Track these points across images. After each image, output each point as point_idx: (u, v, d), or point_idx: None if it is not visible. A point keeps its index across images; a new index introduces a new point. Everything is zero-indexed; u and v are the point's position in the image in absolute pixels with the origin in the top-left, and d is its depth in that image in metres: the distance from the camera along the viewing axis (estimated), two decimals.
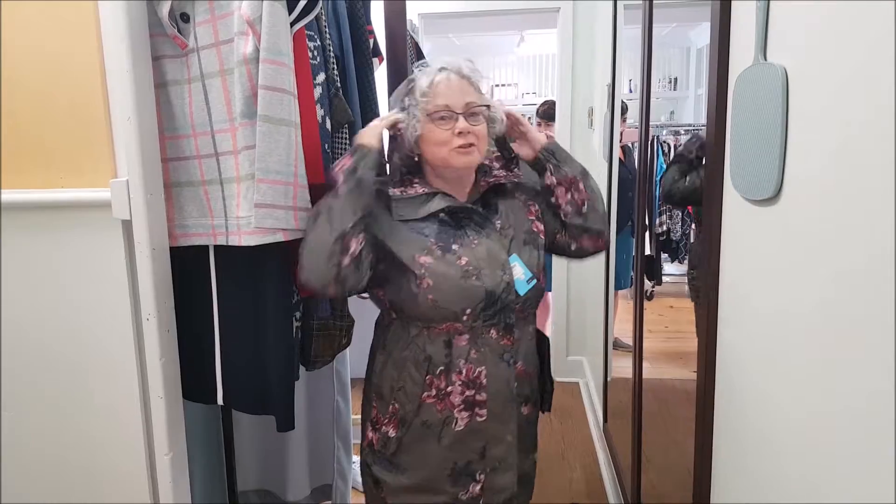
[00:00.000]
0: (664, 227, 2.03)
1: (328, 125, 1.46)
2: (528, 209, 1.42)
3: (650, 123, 1.97)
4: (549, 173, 1.37)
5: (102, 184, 1.35)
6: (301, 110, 1.32)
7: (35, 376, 1.45)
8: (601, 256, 2.92)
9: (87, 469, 1.48)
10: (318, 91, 1.39)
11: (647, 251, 2.09)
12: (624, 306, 2.69)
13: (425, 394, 1.29)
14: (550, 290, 3.83)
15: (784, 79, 0.85)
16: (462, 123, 1.25)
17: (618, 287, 2.79)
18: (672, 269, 2.06)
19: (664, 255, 2.06)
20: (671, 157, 2.05)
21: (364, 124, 1.61)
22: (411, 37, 2.20)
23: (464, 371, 1.28)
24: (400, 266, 1.27)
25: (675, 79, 3.41)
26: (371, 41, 1.67)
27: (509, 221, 1.37)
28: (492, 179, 1.37)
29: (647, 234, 2.09)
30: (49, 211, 1.39)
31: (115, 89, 1.33)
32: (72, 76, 1.35)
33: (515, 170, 1.41)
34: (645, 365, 2.01)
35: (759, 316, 1.00)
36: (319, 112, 1.40)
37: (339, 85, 1.46)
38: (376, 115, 1.66)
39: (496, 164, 1.41)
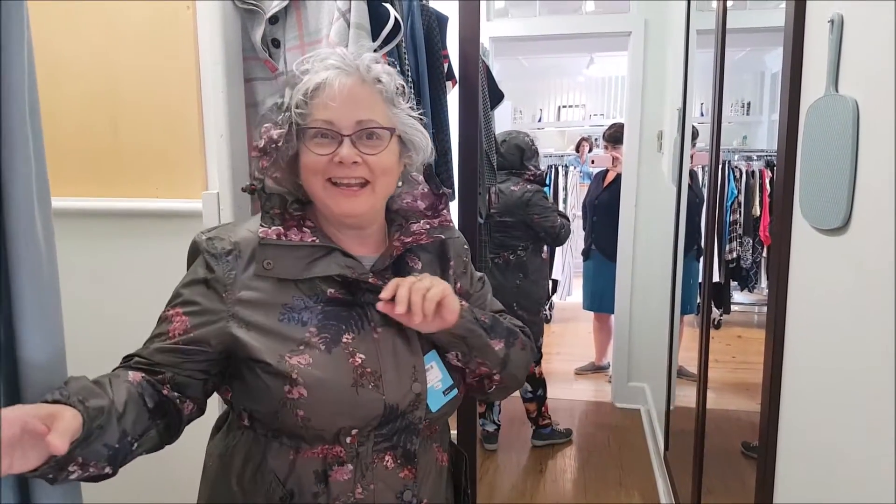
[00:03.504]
0: (734, 255, 2.00)
1: None
2: (457, 286, 1.03)
3: (721, 148, 1.95)
4: (454, 357, 0.96)
5: (195, 195, 1.46)
6: None
7: None
8: (667, 281, 2.89)
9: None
10: None
11: (716, 278, 2.06)
12: (690, 334, 2.65)
13: None
14: (611, 313, 3.79)
15: (855, 111, 0.85)
16: (347, 150, 0.86)
17: (682, 312, 2.75)
18: (742, 298, 2.01)
19: (733, 283, 2.02)
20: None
21: (437, 146, 1.67)
22: (482, 59, 2.26)
23: None
24: (255, 365, 0.87)
25: (749, 103, 3.35)
26: (445, 65, 1.74)
27: None
28: (409, 239, 0.96)
29: (714, 260, 2.06)
30: (145, 219, 1.52)
31: (209, 108, 1.45)
32: (171, 97, 1.48)
33: (445, 212, 1.01)
34: (710, 395, 1.98)
35: (826, 347, 0.99)
36: None
37: None
38: (448, 136, 1.72)
39: (421, 204, 1.01)
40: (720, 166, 1.97)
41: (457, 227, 1.69)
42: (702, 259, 2.14)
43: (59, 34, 1.48)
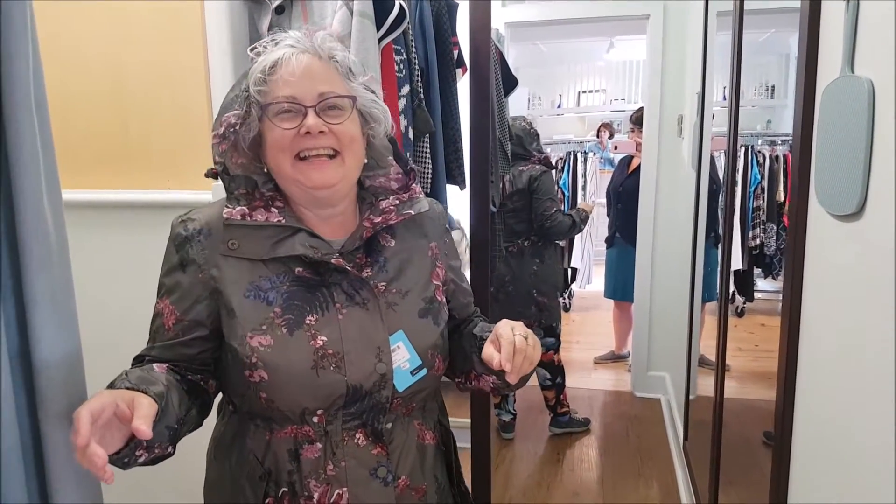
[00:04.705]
0: (757, 241, 1.96)
1: (410, 135, 1.52)
2: (434, 267, 1.02)
3: (739, 132, 1.91)
4: (490, 380, 0.99)
5: (205, 186, 1.47)
6: None
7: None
8: (686, 268, 2.85)
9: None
10: (402, 102, 1.46)
11: (738, 265, 2.02)
12: (711, 322, 2.61)
13: None
14: (632, 302, 3.75)
15: (870, 92, 0.82)
16: (313, 119, 0.86)
17: (703, 299, 2.71)
18: (765, 286, 1.97)
19: (757, 271, 1.98)
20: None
21: (446, 134, 1.66)
22: (496, 46, 2.23)
23: (315, 496, 0.90)
24: (226, 346, 0.91)
25: (773, 86, 3.27)
26: (455, 52, 1.72)
27: (401, 278, 0.97)
28: (378, 220, 0.96)
29: (732, 246, 2.02)
30: (156, 210, 1.53)
31: (218, 100, 1.45)
32: (180, 89, 1.49)
33: (414, 186, 1.01)
34: (732, 384, 1.95)
35: (842, 334, 0.96)
36: (403, 122, 1.47)
37: (422, 96, 1.51)
38: (458, 124, 1.70)
39: (394, 184, 1.00)
40: (738, 151, 1.93)
41: (469, 217, 1.69)
42: (719, 246, 2.10)
43: (69, 31, 1.49)
